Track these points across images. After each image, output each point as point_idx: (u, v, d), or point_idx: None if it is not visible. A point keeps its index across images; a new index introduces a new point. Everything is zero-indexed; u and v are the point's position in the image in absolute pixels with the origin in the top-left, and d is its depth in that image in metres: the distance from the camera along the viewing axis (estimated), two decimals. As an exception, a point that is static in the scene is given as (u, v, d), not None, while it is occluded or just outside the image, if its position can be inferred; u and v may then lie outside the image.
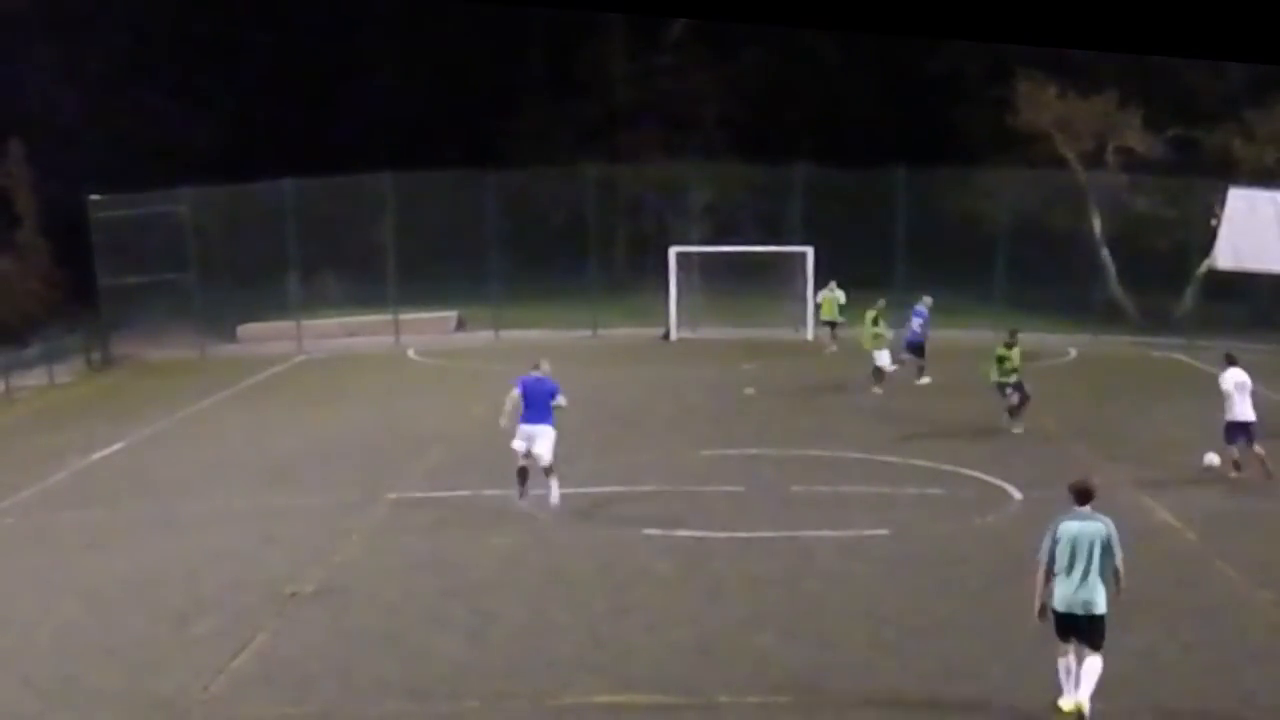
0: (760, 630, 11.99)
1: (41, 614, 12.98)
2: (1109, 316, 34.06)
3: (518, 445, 16.18)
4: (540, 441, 16.12)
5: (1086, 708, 10.06)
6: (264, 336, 33.98)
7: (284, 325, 33.92)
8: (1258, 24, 2.79)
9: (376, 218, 34.88)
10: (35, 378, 28.29)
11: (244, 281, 33.45)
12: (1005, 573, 13.44)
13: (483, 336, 33.50)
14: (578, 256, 35.28)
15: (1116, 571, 10.17)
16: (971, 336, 32.76)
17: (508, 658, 11.43)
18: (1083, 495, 10.38)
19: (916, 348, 26.14)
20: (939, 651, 11.42)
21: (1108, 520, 10.29)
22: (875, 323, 25.66)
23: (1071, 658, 10.19)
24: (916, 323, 26.27)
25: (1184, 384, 27.19)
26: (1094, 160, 35.93)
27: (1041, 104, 35.14)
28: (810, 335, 33.22)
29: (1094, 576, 10.07)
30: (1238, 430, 17.82)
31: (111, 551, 15.17)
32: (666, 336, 33.27)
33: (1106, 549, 10.09)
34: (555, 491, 16.14)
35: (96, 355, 31.34)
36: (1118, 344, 32.41)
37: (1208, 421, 21.38)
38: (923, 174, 34.05)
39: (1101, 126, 35.41)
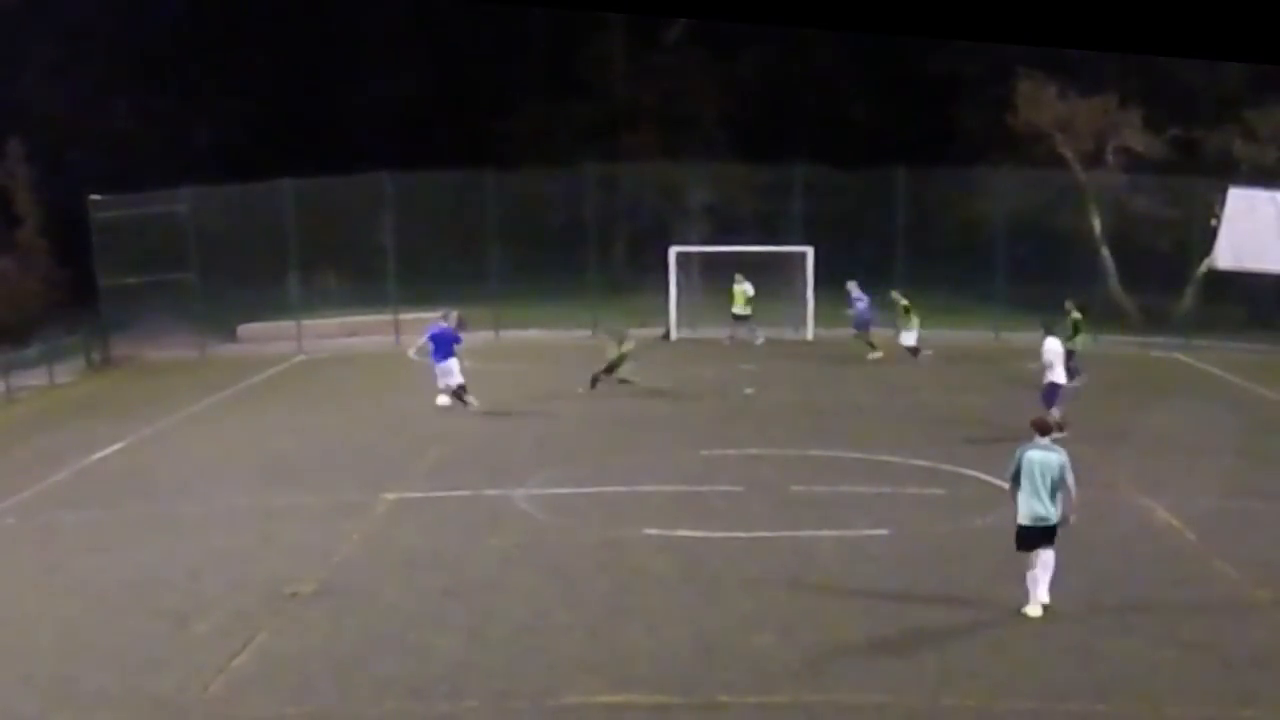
0: (760, 630, 11.99)
1: (41, 614, 12.98)
2: (1109, 316, 34.05)
3: (440, 380, 22.69)
4: (452, 375, 22.50)
5: (1047, 599, 12.21)
6: (264, 336, 33.96)
7: (284, 325, 33.89)
8: (1258, 24, 2.79)
9: (376, 218, 34.86)
10: (35, 378, 28.27)
11: (244, 281, 33.41)
12: (1005, 573, 13.47)
13: (483, 336, 33.49)
14: (578, 256, 35.27)
15: (1068, 494, 12.27)
16: (972, 336, 32.85)
17: (508, 658, 11.43)
18: (1043, 429, 12.66)
19: (864, 325, 29.60)
20: (939, 652, 11.42)
21: (1062, 451, 12.45)
22: (906, 311, 28.79)
23: (1038, 569, 12.22)
24: (859, 305, 29.67)
25: (1184, 384, 27.24)
26: (1094, 160, 35.92)
27: (1041, 104, 35.13)
28: (810, 335, 33.24)
29: (1050, 495, 12.20)
30: (1055, 391, 20.52)
31: (111, 551, 15.16)
32: (666, 336, 33.26)
33: (1062, 474, 12.22)
34: (472, 400, 22.62)
35: (96, 355, 31.31)
36: (1118, 344, 32.41)
37: (1208, 421, 21.46)
38: (923, 174, 34.05)
39: (1101, 126, 35.40)
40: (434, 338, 22.96)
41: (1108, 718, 10.22)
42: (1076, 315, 25.16)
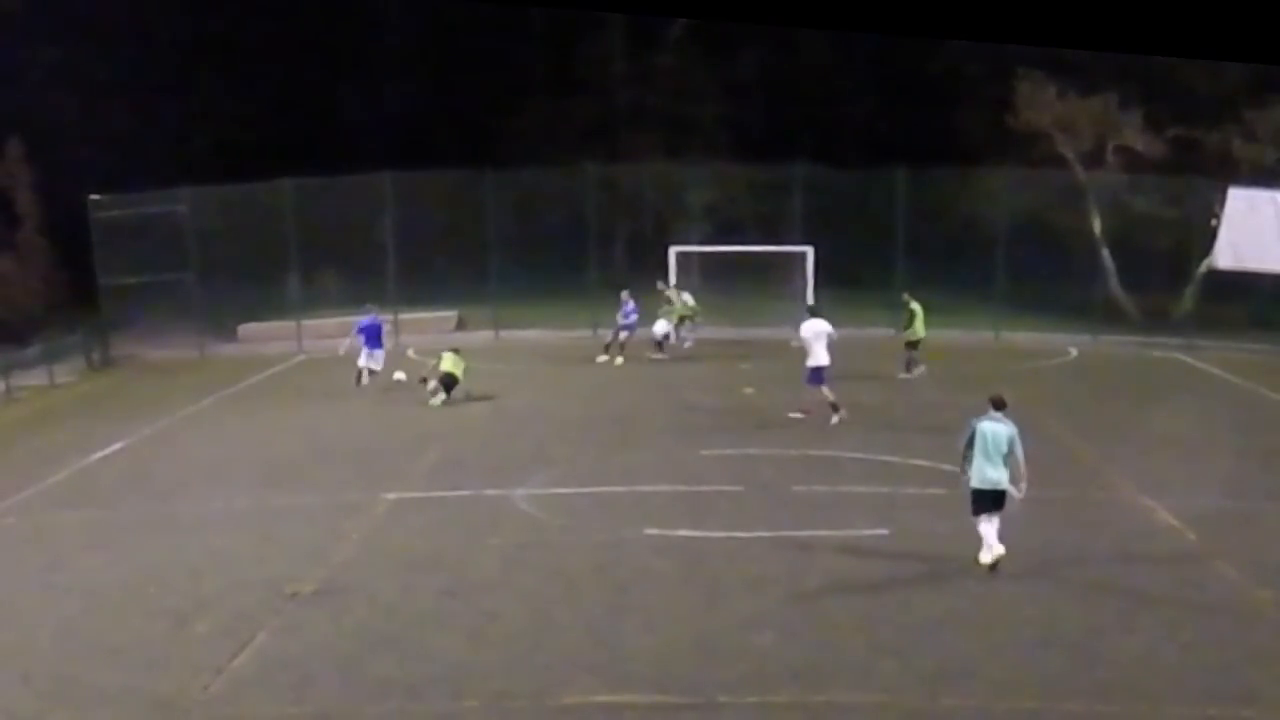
0: (760, 630, 11.98)
1: (41, 614, 12.97)
2: (1109, 316, 34.06)
3: (362, 361, 25.58)
4: (377, 359, 25.79)
5: (1001, 550, 13.34)
6: (264, 336, 33.97)
7: (284, 325, 33.90)
8: (1258, 24, 2.79)
9: (376, 218, 34.86)
10: (35, 378, 28.27)
11: (244, 281, 33.42)
12: (1005, 573, 13.49)
13: (483, 336, 33.49)
14: (578, 256, 35.28)
15: (1019, 466, 13.40)
16: (972, 337, 32.85)
17: (508, 658, 11.42)
18: (998, 404, 13.67)
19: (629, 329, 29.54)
20: (939, 651, 11.42)
21: (1012, 424, 13.52)
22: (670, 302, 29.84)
23: (986, 524, 13.39)
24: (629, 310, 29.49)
25: (1184, 384, 27.25)
26: (1094, 160, 35.94)
27: (1041, 104, 35.14)
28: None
29: (1002, 463, 13.36)
30: (815, 374, 21.36)
31: (111, 551, 15.16)
32: (666, 337, 33.23)
33: (1011, 445, 13.37)
34: (365, 382, 25.62)
35: (96, 355, 31.31)
36: (1118, 344, 32.42)
37: (1208, 421, 21.46)
38: (923, 174, 34.04)
39: (1101, 126, 35.42)
40: (364, 329, 25.98)
41: (1108, 718, 10.22)
42: (915, 307, 26.52)
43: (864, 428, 21.36)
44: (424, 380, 24.67)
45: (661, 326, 29.70)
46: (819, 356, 21.43)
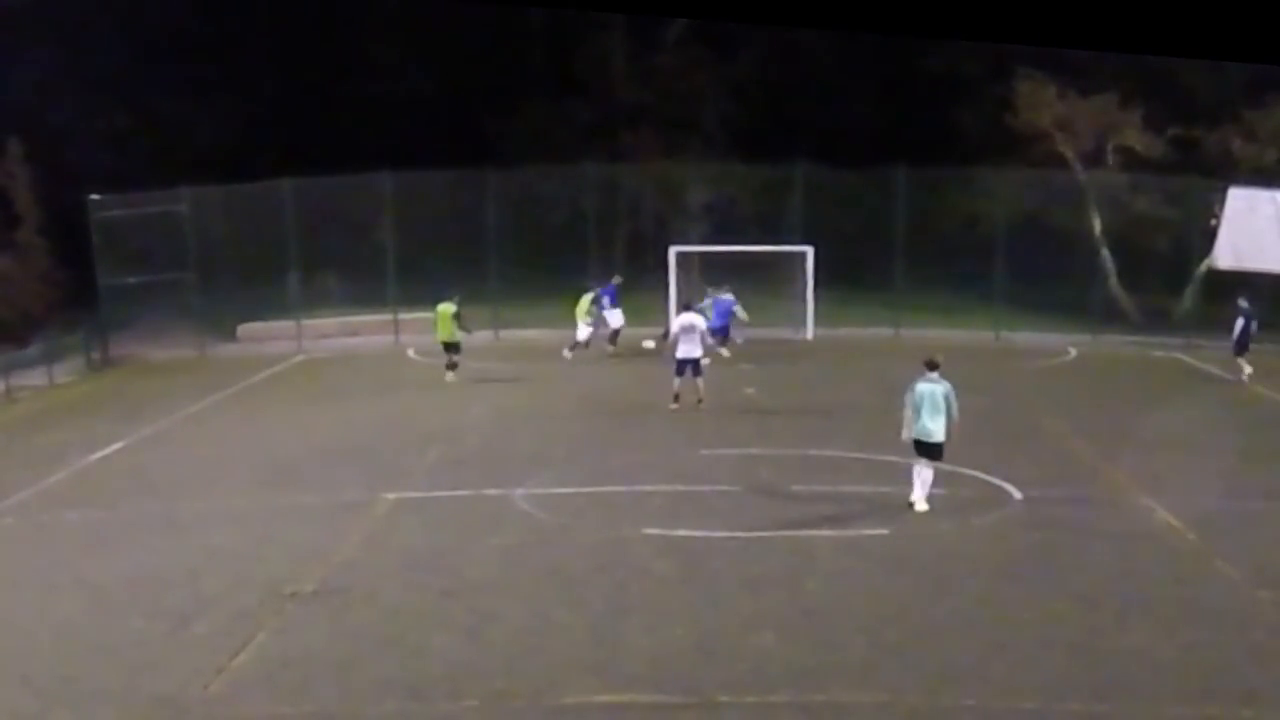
0: (760, 630, 11.98)
1: (41, 614, 12.97)
2: (1109, 316, 34.08)
3: (616, 323, 29.11)
4: (616, 317, 30.27)
5: (924, 505, 15.68)
6: (264, 336, 33.98)
7: (284, 325, 33.92)
8: (1258, 24, 2.79)
9: (376, 218, 34.88)
10: (35, 378, 28.27)
11: (244, 281, 33.44)
12: (1005, 573, 13.51)
13: (482, 336, 33.48)
14: (578, 256, 35.28)
15: (952, 420, 15.43)
16: (972, 336, 32.85)
17: (507, 657, 11.42)
18: (931, 365, 15.71)
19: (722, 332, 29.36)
20: (939, 651, 11.42)
21: (947, 384, 15.51)
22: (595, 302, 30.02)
23: (923, 470, 15.61)
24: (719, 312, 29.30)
25: (1184, 384, 27.27)
26: (1094, 160, 35.97)
27: (1041, 104, 35.18)
28: (810, 335, 33.22)
29: (937, 418, 15.35)
30: (683, 365, 22.72)
31: (111, 551, 15.15)
32: (665, 336, 33.23)
33: (946, 401, 15.35)
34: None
35: (96, 355, 31.32)
36: (1118, 344, 32.43)
37: (1208, 421, 21.46)
38: (923, 174, 34.07)
39: (1101, 126, 35.45)
40: (609, 294, 29.54)
41: (1108, 718, 10.22)
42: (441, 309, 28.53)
43: (864, 427, 21.36)
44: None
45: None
46: (686, 350, 22.72)
